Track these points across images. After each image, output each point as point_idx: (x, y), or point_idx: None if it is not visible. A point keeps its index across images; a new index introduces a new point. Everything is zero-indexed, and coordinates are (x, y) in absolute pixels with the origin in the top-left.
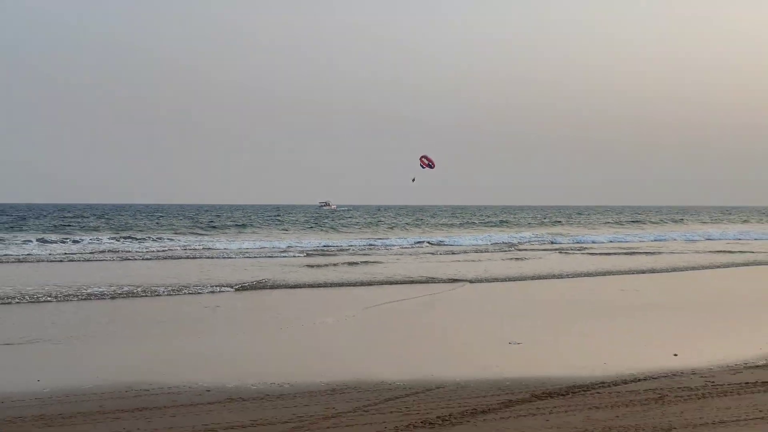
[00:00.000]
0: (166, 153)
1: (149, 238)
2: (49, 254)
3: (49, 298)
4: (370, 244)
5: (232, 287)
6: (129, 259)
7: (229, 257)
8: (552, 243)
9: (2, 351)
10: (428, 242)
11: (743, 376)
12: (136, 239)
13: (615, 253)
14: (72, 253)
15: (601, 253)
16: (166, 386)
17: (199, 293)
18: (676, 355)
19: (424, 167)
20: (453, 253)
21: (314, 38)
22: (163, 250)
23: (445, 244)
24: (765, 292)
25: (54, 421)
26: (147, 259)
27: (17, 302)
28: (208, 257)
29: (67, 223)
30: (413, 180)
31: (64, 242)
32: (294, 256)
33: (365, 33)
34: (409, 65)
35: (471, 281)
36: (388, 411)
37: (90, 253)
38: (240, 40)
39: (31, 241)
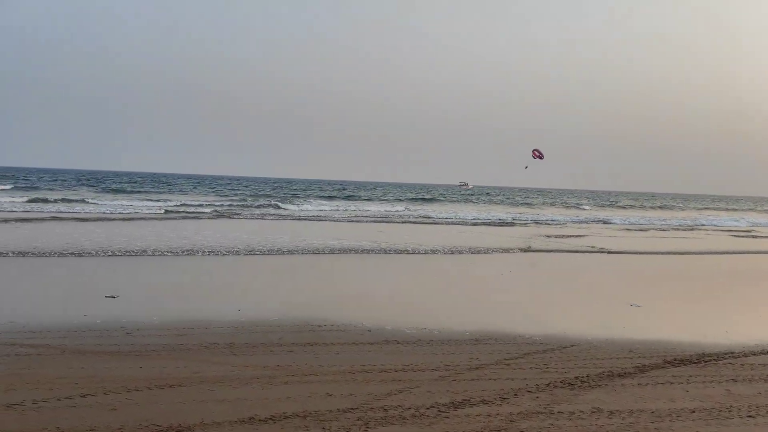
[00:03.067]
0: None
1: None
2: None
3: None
4: (599, 219)
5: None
6: (390, 222)
7: (459, 224)
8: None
9: (230, 287)
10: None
11: None
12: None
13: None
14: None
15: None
16: (335, 324)
17: (487, 253)
18: None
19: (534, 158)
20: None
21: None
22: (397, 215)
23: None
24: None
25: (239, 350)
26: (406, 222)
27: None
28: (442, 223)
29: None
30: (526, 167)
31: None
32: (523, 227)
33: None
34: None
35: (611, 252)
36: (528, 366)
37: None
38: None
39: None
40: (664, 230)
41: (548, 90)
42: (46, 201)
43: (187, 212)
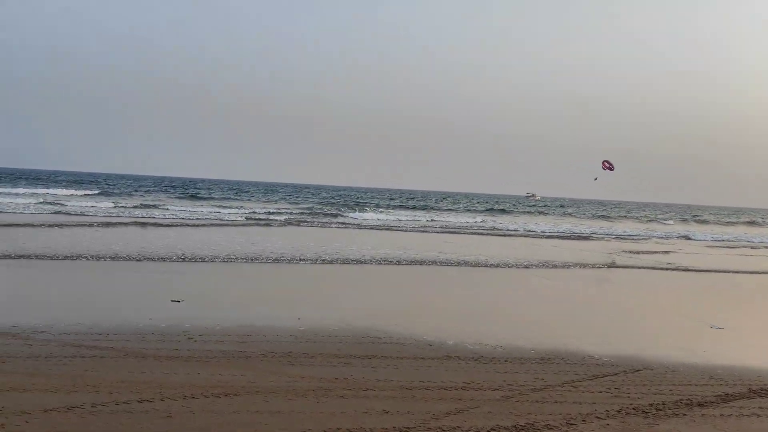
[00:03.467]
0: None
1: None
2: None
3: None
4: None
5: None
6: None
7: (535, 237)
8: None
9: (292, 295)
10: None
11: None
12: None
13: None
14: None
15: None
16: (395, 336)
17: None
18: None
19: (605, 169)
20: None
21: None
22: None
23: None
24: None
25: (297, 360)
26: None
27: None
28: (516, 236)
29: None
30: (595, 179)
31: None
32: (600, 241)
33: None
34: None
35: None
36: (597, 390)
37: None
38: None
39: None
40: (755, 248)
41: (623, 101)
42: (128, 207)
43: (258, 219)
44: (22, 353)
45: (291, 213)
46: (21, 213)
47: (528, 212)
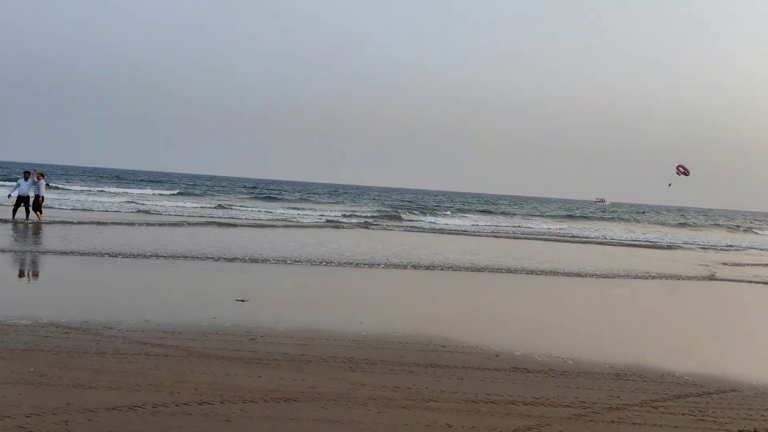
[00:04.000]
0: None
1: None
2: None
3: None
4: None
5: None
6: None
7: (615, 245)
8: None
9: (356, 298)
10: None
11: None
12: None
13: None
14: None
15: None
16: (461, 345)
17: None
18: None
19: (679, 174)
20: None
21: None
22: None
23: None
24: None
25: (358, 366)
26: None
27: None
28: (595, 243)
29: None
30: (669, 185)
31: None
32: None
33: None
34: None
35: None
36: (679, 412)
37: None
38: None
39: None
40: None
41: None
42: (207, 207)
43: (329, 221)
44: (91, 349)
45: (361, 215)
46: (107, 211)
47: (609, 219)
